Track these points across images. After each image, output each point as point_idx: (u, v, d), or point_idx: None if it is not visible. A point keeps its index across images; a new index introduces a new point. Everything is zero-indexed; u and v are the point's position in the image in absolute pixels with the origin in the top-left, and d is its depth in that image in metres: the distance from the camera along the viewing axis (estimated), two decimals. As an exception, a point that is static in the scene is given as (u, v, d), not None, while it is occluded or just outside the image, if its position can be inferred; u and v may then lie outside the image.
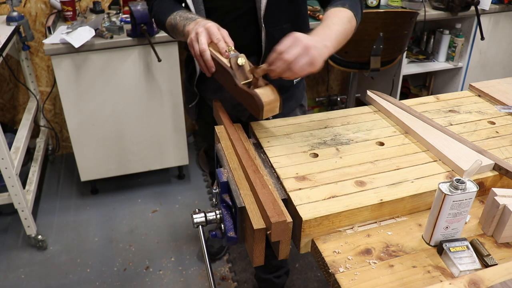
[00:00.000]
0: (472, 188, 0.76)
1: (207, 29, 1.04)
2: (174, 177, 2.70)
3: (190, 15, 1.14)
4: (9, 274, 2.04)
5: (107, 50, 2.07)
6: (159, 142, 2.41)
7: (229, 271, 2.04)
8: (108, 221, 2.36)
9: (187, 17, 1.14)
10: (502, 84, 1.38)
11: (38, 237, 2.15)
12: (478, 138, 1.10)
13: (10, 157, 1.93)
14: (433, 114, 1.21)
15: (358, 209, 0.85)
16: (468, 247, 0.78)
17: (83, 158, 2.33)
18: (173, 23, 1.18)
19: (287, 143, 1.07)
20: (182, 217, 2.37)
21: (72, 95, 2.14)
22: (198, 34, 1.03)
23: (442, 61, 2.91)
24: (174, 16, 1.18)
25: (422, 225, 0.86)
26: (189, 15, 1.14)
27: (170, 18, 1.19)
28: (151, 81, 2.21)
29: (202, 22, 1.08)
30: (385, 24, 2.14)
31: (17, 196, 2.01)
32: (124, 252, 2.15)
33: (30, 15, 2.46)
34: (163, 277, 2.01)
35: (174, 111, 2.33)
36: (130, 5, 2.00)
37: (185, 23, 1.12)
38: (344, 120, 1.18)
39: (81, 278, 2.01)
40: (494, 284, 0.68)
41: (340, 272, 0.75)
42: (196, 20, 1.11)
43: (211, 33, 1.03)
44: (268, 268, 1.78)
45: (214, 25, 1.05)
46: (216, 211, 0.89)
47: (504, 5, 2.72)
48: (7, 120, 2.76)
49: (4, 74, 2.62)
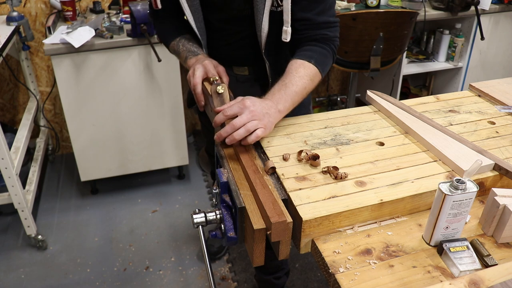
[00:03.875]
0: (472, 188, 0.76)
1: (204, 65, 1.11)
2: (174, 177, 2.70)
3: (193, 48, 1.21)
4: (9, 274, 2.04)
5: (107, 50, 2.07)
6: (159, 142, 2.41)
7: (229, 271, 2.04)
8: (108, 221, 2.36)
9: (190, 49, 1.20)
10: (502, 84, 1.38)
11: (38, 237, 2.14)
12: (478, 138, 1.09)
13: (10, 157, 1.93)
14: (433, 114, 1.21)
15: (358, 209, 0.85)
16: (468, 247, 0.78)
17: (83, 158, 2.33)
18: (176, 50, 1.25)
19: (287, 143, 1.07)
20: (182, 217, 2.37)
21: (72, 95, 2.14)
22: (195, 70, 1.11)
23: (442, 61, 2.91)
24: (177, 43, 1.24)
25: (422, 225, 0.86)
26: (192, 47, 1.21)
27: (173, 44, 1.25)
28: (151, 81, 2.21)
29: (202, 58, 1.15)
30: (385, 24, 2.14)
31: (17, 196, 2.01)
32: (124, 252, 2.15)
33: (30, 15, 2.46)
34: (163, 277, 2.01)
35: (174, 111, 2.33)
36: (130, 5, 2.00)
37: (187, 56, 1.19)
38: (344, 120, 1.18)
39: (81, 278, 2.01)
40: (494, 284, 0.68)
41: (340, 272, 0.75)
42: (197, 56, 1.18)
43: (207, 69, 1.10)
44: (268, 269, 1.78)
45: (211, 62, 1.12)
46: (216, 211, 0.89)
47: (504, 5, 2.72)
48: (7, 120, 2.76)
49: (4, 74, 2.62)
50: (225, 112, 0.95)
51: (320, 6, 1.13)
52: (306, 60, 1.09)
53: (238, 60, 1.32)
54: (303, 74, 1.06)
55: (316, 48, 1.13)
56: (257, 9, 1.13)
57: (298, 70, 1.06)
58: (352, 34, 2.14)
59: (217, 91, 1.04)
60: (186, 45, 1.22)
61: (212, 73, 1.10)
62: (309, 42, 1.15)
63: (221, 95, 1.04)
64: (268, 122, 0.97)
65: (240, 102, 0.95)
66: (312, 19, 1.13)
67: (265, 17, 1.13)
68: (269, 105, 0.98)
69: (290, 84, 1.03)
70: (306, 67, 1.08)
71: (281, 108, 0.99)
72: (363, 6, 2.56)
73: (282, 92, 1.02)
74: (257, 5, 1.13)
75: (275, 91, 1.02)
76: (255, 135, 0.94)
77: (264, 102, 0.98)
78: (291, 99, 1.02)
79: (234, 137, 0.93)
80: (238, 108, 0.95)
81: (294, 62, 1.09)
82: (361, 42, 2.18)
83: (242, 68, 1.33)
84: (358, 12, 2.16)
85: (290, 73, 1.06)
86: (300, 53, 1.13)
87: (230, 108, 0.95)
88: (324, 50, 1.14)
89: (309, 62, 1.09)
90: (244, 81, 1.35)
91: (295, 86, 1.03)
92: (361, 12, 2.13)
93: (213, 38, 1.28)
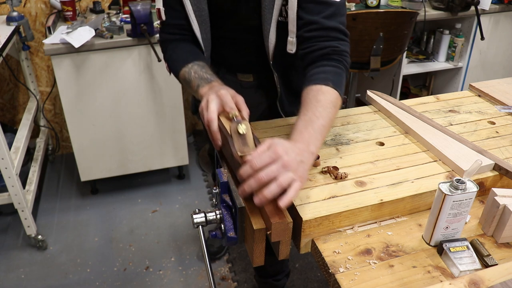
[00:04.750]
0: (472, 188, 0.76)
1: (220, 96, 0.93)
2: (174, 177, 2.70)
3: (206, 75, 1.06)
4: (9, 274, 2.04)
5: (107, 50, 2.07)
6: (159, 142, 2.41)
7: (229, 271, 2.04)
8: (108, 221, 2.36)
9: (202, 77, 1.05)
10: (502, 84, 1.38)
11: (38, 237, 2.14)
12: (478, 138, 1.10)
13: (10, 157, 1.93)
14: (433, 114, 1.21)
15: (358, 209, 0.85)
16: (468, 247, 0.78)
17: (83, 158, 2.33)
18: (187, 78, 1.09)
19: (287, 143, 1.06)
20: (182, 217, 2.37)
21: (72, 95, 2.14)
22: (209, 101, 0.93)
23: (442, 61, 2.91)
24: (189, 70, 1.08)
25: (422, 225, 0.86)
26: (204, 74, 1.06)
27: (184, 71, 1.10)
28: (151, 81, 2.21)
29: (216, 87, 0.99)
30: (385, 24, 2.14)
31: (17, 196, 2.01)
32: (124, 252, 2.15)
33: (30, 15, 2.46)
34: (163, 277, 2.01)
35: (174, 111, 2.33)
36: (130, 5, 2.00)
37: (200, 83, 1.04)
38: (344, 120, 1.18)
39: (81, 278, 2.01)
40: (494, 284, 0.68)
41: (340, 272, 0.75)
42: (211, 83, 1.02)
43: (223, 101, 0.92)
44: (268, 273, 1.78)
45: (228, 92, 0.94)
46: (216, 211, 0.89)
47: (504, 5, 2.72)
48: (7, 120, 2.76)
49: (4, 74, 2.62)
50: (253, 164, 0.76)
51: (329, 9, 1.03)
52: (323, 84, 0.96)
53: (243, 68, 1.29)
54: (325, 102, 0.93)
55: (329, 68, 1.01)
56: (265, 19, 1.09)
57: (318, 99, 0.93)
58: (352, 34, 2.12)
59: (238, 131, 0.86)
60: (198, 72, 1.07)
61: (230, 105, 0.91)
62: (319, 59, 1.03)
63: (243, 136, 0.86)
64: (304, 172, 0.80)
65: (271, 150, 0.77)
66: (319, 22, 1.03)
67: (272, 27, 1.09)
68: (301, 149, 0.81)
69: (315, 118, 0.89)
70: (325, 92, 0.95)
71: (313, 150, 0.84)
72: (363, 6, 2.56)
73: (310, 129, 0.87)
74: (264, 15, 1.09)
75: (302, 129, 0.87)
76: (293, 191, 0.76)
77: (296, 146, 0.81)
78: (320, 135, 0.88)
79: (265, 196, 0.75)
80: (269, 158, 0.76)
81: (310, 90, 0.96)
82: (361, 42, 2.18)
83: (247, 75, 1.30)
84: (358, 12, 2.16)
85: (310, 103, 0.92)
86: (313, 76, 1.00)
87: (259, 158, 0.76)
88: (338, 69, 1.02)
89: (327, 85, 0.96)
90: (248, 87, 1.31)
91: (321, 119, 0.89)
92: (361, 12, 2.13)
93: (218, 45, 1.23)
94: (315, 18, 1.03)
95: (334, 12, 1.03)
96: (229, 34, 1.21)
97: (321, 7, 1.03)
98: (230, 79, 1.27)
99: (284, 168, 0.76)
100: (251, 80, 1.30)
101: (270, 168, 0.75)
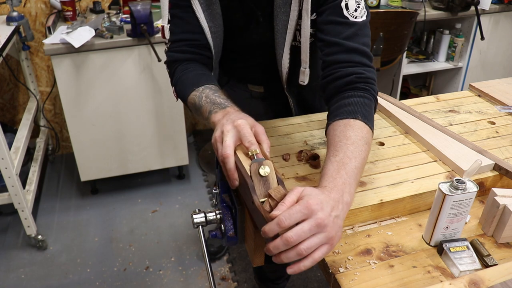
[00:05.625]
0: (472, 188, 0.76)
1: (237, 127, 0.78)
2: (174, 177, 2.70)
3: (219, 99, 0.90)
4: (9, 274, 2.04)
5: (107, 50, 2.07)
6: (159, 142, 2.41)
7: (229, 271, 2.04)
8: (108, 221, 2.36)
9: (215, 101, 0.89)
10: (502, 84, 1.38)
11: (38, 237, 2.14)
12: (478, 138, 1.10)
13: (10, 157, 1.93)
14: (433, 114, 1.21)
15: (358, 209, 0.85)
16: (468, 247, 0.78)
17: (83, 158, 2.33)
18: (197, 104, 0.93)
19: (287, 143, 1.07)
20: (182, 217, 2.37)
21: (72, 95, 2.14)
22: (224, 133, 0.78)
23: (442, 61, 2.91)
24: (199, 94, 0.93)
25: (422, 225, 0.86)
26: (217, 99, 0.90)
27: (194, 95, 0.94)
28: (151, 81, 2.21)
29: (232, 114, 0.83)
30: (385, 24, 2.14)
31: (17, 196, 2.01)
32: (124, 252, 2.15)
33: (30, 15, 2.46)
34: (163, 277, 2.01)
35: (174, 111, 2.33)
36: (130, 5, 2.00)
37: (211, 109, 0.88)
38: (344, 120, 1.18)
39: (81, 278, 2.01)
40: (494, 284, 0.68)
41: (340, 272, 0.75)
42: (225, 109, 0.86)
43: (241, 133, 0.77)
44: (268, 278, 1.79)
45: (247, 122, 0.79)
46: (216, 211, 0.89)
47: (504, 5, 2.72)
48: (7, 120, 2.76)
49: (4, 74, 2.62)
50: (281, 221, 0.64)
51: (349, 30, 0.93)
52: (351, 118, 0.85)
53: (255, 80, 1.24)
54: (355, 138, 0.81)
55: (356, 99, 0.89)
56: (278, 43, 1.04)
57: (347, 135, 0.82)
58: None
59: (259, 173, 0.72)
60: (210, 97, 0.91)
61: (249, 139, 0.76)
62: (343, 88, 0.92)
63: (265, 178, 0.72)
64: (339, 230, 0.69)
65: (303, 205, 0.65)
66: (339, 44, 0.92)
67: (285, 52, 1.04)
68: (336, 201, 0.70)
69: (347, 159, 0.77)
70: (355, 127, 0.83)
71: (349, 200, 0.73)
72: (363, 6, 2.56)
73: (343, 174, 0.75)
74: (277, 38, 1.03)
75: (333, 174, 0.75)
76: (320, 254, 0.66)
77: (330, 197, 0.69)
78: (354, 180, 0.76)
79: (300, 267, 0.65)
80: (301, 215, 0.64)
81: (337, 125, 0.85)
82: (361, 42, 2.18)
83: (258, 86, 1.25)
84: (358, 12, 2.15)
85: (340, 142, 0.81)
86: (339, 110, 0.88)
87: (289, 215, 0.64)
88: (365, 99, 0.90)
89: (355, 119, 0.85)
90: (259, 97, 1.27)
91: (354, 160, 0.78)
92: (361, 12, 2.12)
93: (229, 58, 1.16)
94: (335, 39, 0.93)
95: (355, 33, 0.93)
96: (241, 49, 1.15)
97: (341, 28, 0.93)
98: (240, 87, 1.25)
99: (318, 228, 0.65)
100: (262, 91, 1.25)
101: (301, 228, 0.64)
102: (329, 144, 0.83)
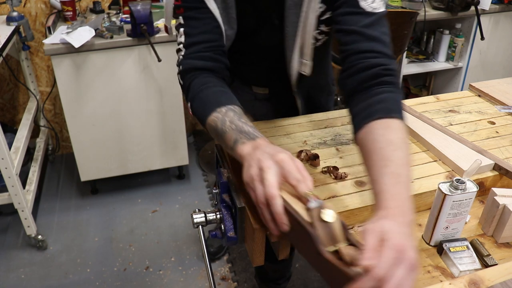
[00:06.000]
0: (472, 188, 0.76)
1: (280, 162, 0.68)
2: (174, 177, 2.70)
3: (246, 126, 0.79)
4: (9, 274, 2.04)
5: (107, 50, 2.07)
6: (159, 142, 2.41)
7: (229, 271, 2.04)
8: (108, 221, 2.36)
9: (242, 129, 0.78)
10: (502, 84, 1.38)
11: (38, 237, 2.14)
12: (478, 138, 1.10)
13: (10, 157, 1.93)
14: (433, 114, 1.21)
15: (358, 209, 0.85)
16: (468, 247, 0.78)
17: (83, 158, 2.33)
18: (220, 129, 0.81)
19: (287, 143, 1.07)
20: (182, 217, 2.37)
21: (72, 95, 2.14)
22: (264, 171, 0.68)
23: (442, 61, 2.91)
24: (222, 117, 0.82)
25: (422, 225, 0.86)
26: (244, 126, 0.79)
27: (216, 117, 0.83)
28: (151, 81, 2.21)
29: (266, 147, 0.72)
30: (385, 24, 2.14)
31: (17, 196, 2.01)
32: (124, 252, 2.15)
33: (30, 15, 2.46)
34: (163, 277, 2.01)
35: (174, 111, 2.33)
36: (130, 5, 2.00)
37: (238, 138, 0.77)
38: (344, 120, 1.18)
39: (81, 278, 2.01)
40: (494, 284, 0.68)
41: (340, 272, 0.75)
42: (255, 140, 0.75)
43: (286, 169, 0.68)
44: (269, 278, 1.79)
45: (289, 156, 0.70)
46: (216, 211, 0.89)
47: (504, 5, 2.72)
48: (7, 120, 2.76)
49: (4, 74, 2.62)
50: (375, 272, 0.54)
51: (368, 19, 0.87)
52: (387, 117, 0.76)
53: (260, 82, 1.22)
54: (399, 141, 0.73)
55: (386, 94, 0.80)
56: (287, 46, 1.02)
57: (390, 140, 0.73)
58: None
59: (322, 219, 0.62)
60: (235, 122, 0.80)
61: (296, 177, 0.67)
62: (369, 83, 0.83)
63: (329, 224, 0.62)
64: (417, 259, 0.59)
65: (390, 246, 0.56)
66: (359, 32, 0.86)
67: (295, 54, 1.02)
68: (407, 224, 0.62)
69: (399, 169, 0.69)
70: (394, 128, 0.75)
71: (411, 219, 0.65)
72: (363, 6, 2.56)
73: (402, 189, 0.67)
74: (287, 40, 1.01)
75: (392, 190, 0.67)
76: None
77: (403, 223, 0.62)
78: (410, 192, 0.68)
79: None
80: (394, 260, 0.55)
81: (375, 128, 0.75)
82: (361, 42, 2.18)
83: (263, 88, 1.23)
84: (358, 12, 2.16)
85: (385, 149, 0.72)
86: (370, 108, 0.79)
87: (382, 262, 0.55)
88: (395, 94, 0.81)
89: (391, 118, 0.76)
90: (263, 99, 1.25)
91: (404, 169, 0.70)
92: (361, 12, 2.13)
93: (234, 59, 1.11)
94: (354, 27, 0.87)
95: (374, 22, 0.87)
96: (248, 51, 1.13)
97: (359, 17, 0.87)
98: (243, 89, 1.24)
99: (412, 270, 0.56)
100: (267, 92, 1.24)
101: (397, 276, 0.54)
102: (370, 150, 0.74)
